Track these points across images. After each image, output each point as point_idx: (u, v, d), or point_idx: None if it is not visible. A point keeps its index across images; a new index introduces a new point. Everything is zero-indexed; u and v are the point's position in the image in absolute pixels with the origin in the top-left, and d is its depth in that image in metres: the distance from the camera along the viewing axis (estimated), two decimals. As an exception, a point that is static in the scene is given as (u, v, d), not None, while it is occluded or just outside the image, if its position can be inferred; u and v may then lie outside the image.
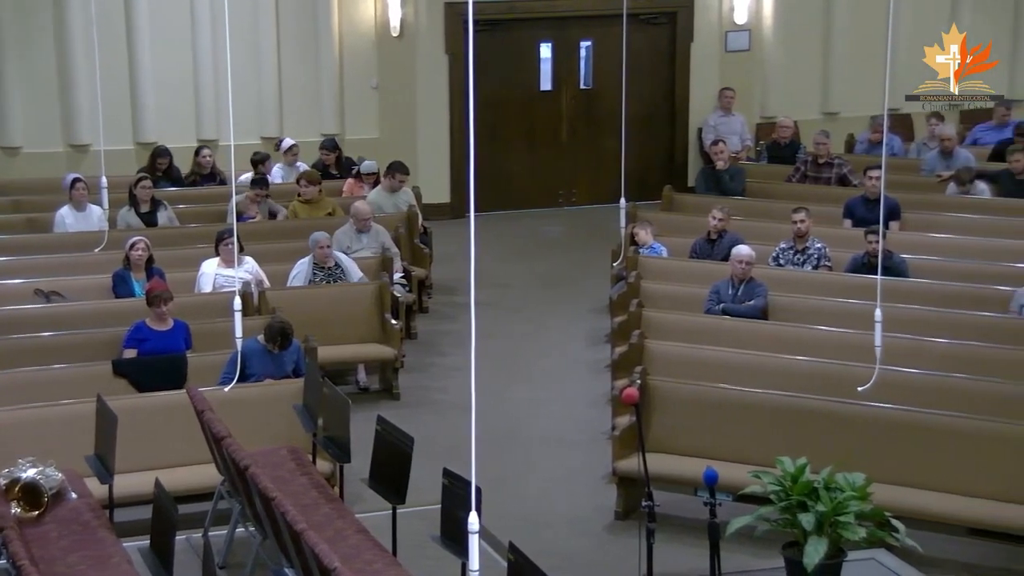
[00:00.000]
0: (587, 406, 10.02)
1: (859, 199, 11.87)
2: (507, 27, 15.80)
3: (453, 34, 15.40)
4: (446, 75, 15.58)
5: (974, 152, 13.59)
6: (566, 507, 8.38)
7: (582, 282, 13.13)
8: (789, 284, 10.25)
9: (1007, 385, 8.09)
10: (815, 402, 7.92)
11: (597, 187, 15.92)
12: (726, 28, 16.31)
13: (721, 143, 13.44)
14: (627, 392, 6.11)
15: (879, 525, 5.44)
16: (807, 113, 16.27)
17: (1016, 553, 7.36)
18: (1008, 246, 10.83)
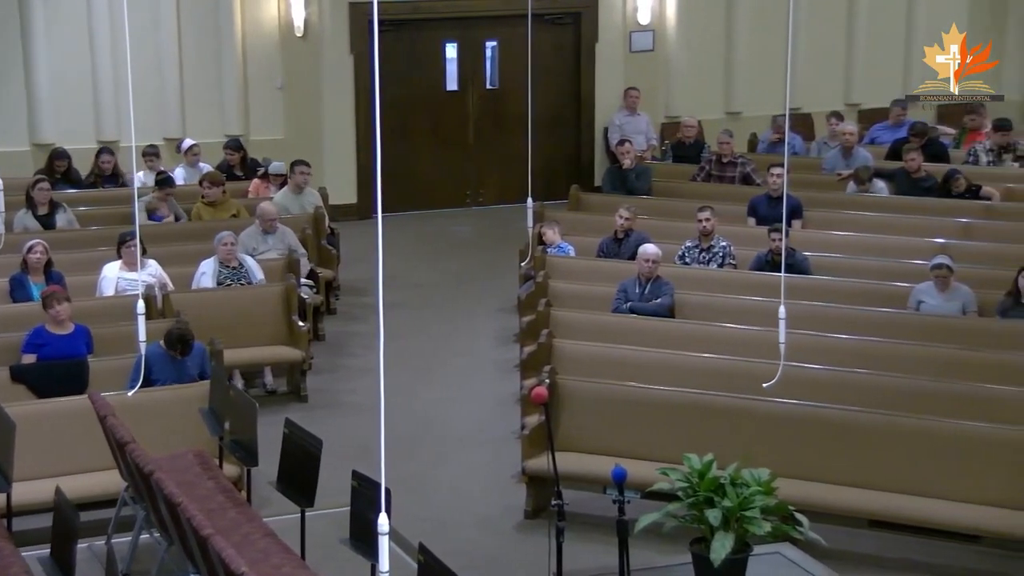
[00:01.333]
0: (496, 406, 10.02)
1: (762, 197, 12.04)
2: (412, 27, 15.75)
3: (358, 34, 15.31)
4: (351, 75, 15.48)
5: (871, 151, 13.85)
6: (476, 507, 8.38)
7: (490, 282, 13.13)
8: (695, 282, 10.35)
9: (907, 380, 8.25)
10: (721, 399, 8.01)
11: (504, 187, 15.95)
12: (630, 28, 16.44)
13: (627, 143, 13.53)
14: (536, 391, 6.12)
15: (784, 519, 5.52)
16: (711, 113, 16.46)
17: (915, 544, 7.52)
18: (905, 243, 11.05)
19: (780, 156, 12.72)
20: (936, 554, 7.48)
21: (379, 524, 3.85)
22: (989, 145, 13.59)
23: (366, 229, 14.66)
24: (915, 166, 12.53)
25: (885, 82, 17.32)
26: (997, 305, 9.51)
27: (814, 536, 5.59)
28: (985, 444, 7.39)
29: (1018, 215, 11.71)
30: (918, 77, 17.39)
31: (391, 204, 14.11)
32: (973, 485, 7.32)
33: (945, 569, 7.39)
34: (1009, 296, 9.42)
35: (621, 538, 5.64)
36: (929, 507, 7.31)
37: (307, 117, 15.55)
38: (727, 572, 5.36)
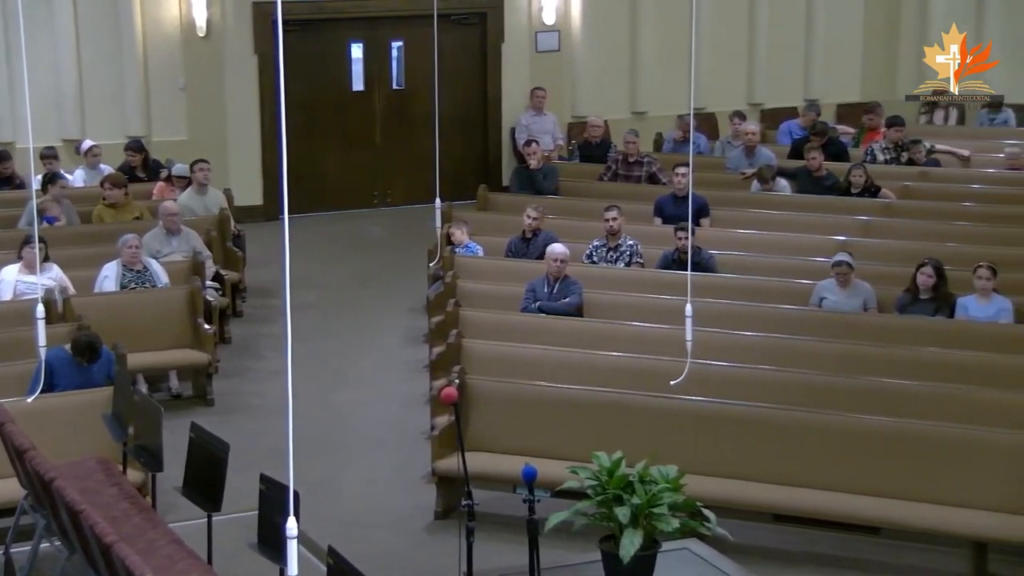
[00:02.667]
0: (406, 406, 9.99)
1: (668, 197, 12.15)
2: (317, 27, 15.64)
3: (262, 34, 15.16)
4: (256, 76, 15.33)
5: (773, 150, 14.06)
6: (386, 508, 8.34)
7: (399, 282, 13.09)
8: (603, 281, 10.41)
9: (810, 375, 8.39)
10: (629, 397, 8.07)
11: (412, 187, 15.90)
12: (536, 29, 16.49)
13: (534, 143, 13.57)
14: (445, 392, 6.11)
15: (691, 515, 5.57)
16: (617, 112, 16.57)
17: (819, 537, 7.65)
18: (807, 241, 11.22)
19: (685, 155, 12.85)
20: (839, 546, 7.62)
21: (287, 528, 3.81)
22: (885, 144, 13.87)
23: (272, 231, 14.53)
24: (816, 165, 12.74)
25: (786, 82, 17.62)
26: (896, 301, 9.70)
27: (721, 531, 5.65)
28: (885, 437, 7.54)
29: (916, 213, 11.96)
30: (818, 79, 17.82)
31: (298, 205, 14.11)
32: (875, 477, 7.46)
33: (848, 561, 7.53)
34: (907, 292, 9.62)
35: (531, 537, 5.66)
36: (832, 500, 7.44)
37: (211, 118, 15.35)
38: (636, 569, 5.40)
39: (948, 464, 7.35)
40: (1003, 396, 7.92)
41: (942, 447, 7.40)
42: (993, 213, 11.91)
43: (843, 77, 17.97)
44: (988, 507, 7.20)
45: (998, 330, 9.14)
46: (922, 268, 9.50)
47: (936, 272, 9.46)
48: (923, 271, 9.49)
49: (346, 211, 16.02)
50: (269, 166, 15.45)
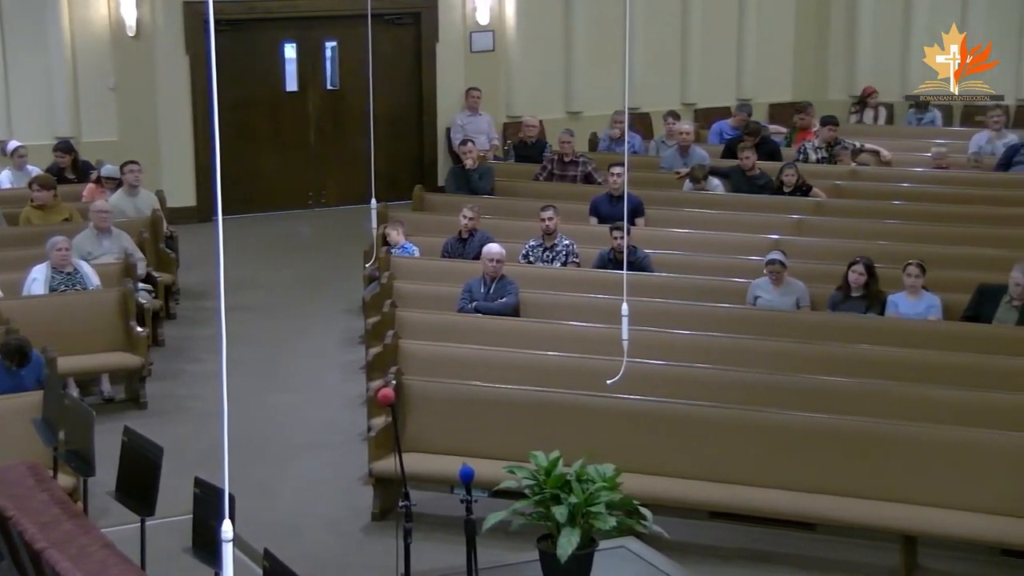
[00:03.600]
0: (342, 408, 9.94)
1: (604, 196, 12.19)
2: (249, 27, 15.52)
3: (193, 34, 15.02)
4: (187, 76, 15.18)
5: (707, 150, 14.17)
6: (323, 510, 8.30)
7: (335, 284, 13.02)
8: (539, 281, 10.43)
9: (745, 373, 8.46)
10: (566, 396, 8.09)
11: (347, 188, 15.84)
12: (470, 29, 16.49)
13: (469, 142, 13.57)
14: (382, 393, 6.08)
15: (628, 514, 5.58)
16: (551, 112, 16.62)
17: (754, 533, 7.72)
18: (741, 240, 11.32)
19: (620, 155, 12.92)
20: (774, 542, 7.69)
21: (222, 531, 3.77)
22: (818, 143, 14.02)
23: (206, 232, 14.40)
24: (750, 164, 12.85)
25: (719, 82, 17.77)
26: (828, 299, 9.81)
27: (658, 529, 5.68)
28: (818, 434, 7.62)
29: (847, 212, 12.11)
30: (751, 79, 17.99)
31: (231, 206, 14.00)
32: (808, 474, 7.54)
33: (783, 557, 7.60)
34: (839, 290, 9.73)
35: (469, 537, 5.65)
36: (767, 497, 7.51)
37: (142, 118, 15.18)
38: (573, 568, 5.41)
39: (879, 459, 7.45)
40: (932, 392, 8.04)
41: (874, 443, 7.50)
42: (921, 211, 12.09)
43: (775, 77, 18.17)
44: (919, 502, 7.30)
45: (927, 327, 9.28)
46: (853, 266, 9.62)
47: (867, 270, 9.58)
48: (854, 269, 9.60)
49: (280, 212, 15.92)
50: (202, 167, 15.31)
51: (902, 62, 17.91)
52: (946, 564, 7.41)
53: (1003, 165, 13.54)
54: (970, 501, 7.21)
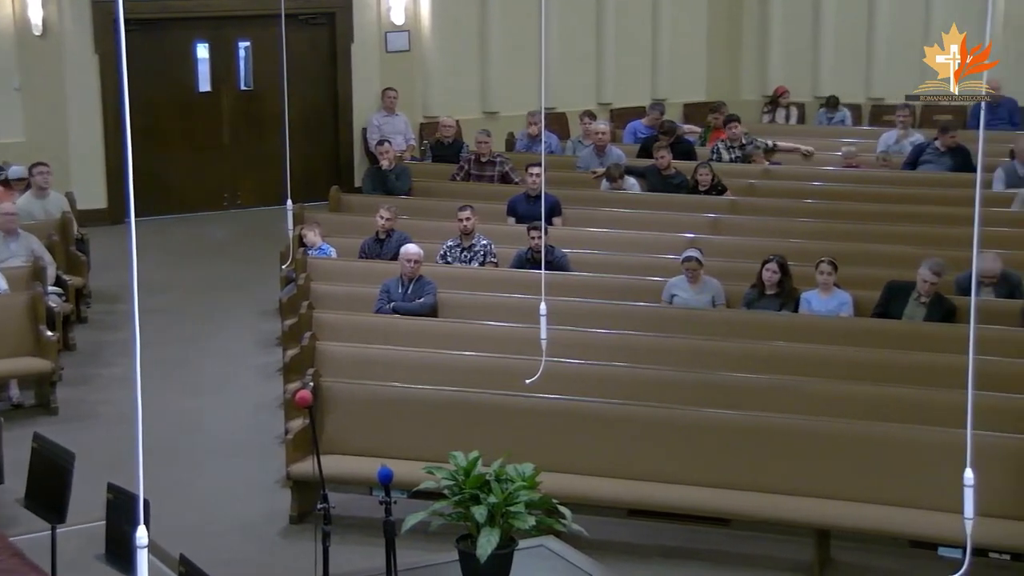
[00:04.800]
0: (259, 411, 9.85)
1: (521, 196, 12.22)
2: (160, 27, 15.33)
3: (102, 33, 14.79)
4: (97, 76, 14.95)
5: (623, 149, 14.26)
6: (239, 514, 8.21)
7: (251, 286, 12.90)
8: (457, 281, 10.42)
9: (662, 371, 8.52)
10: (485, 396, 8.09)
11: (263, 189, 15.69)
12: (385, 29, 16.44)
13: (386, 143, 13.52)
14: (300, 395, 6.03)
15: (547, 513, 5.60)
16: (468, 112, 16.62)
17: (671, 530, 7.79)
18: (657, 239, 11.40)
19: (537, 155, 12.96)
20: (691, 539, 7.76)
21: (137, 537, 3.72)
22: (730, 143, 14.19)
23: (118, 234, 14.17)
24: (665, 164, 12.96)
25: (634, 83, 17.90)
26: (743, 297, 9.92)
27: (577, 528, 5.70)
28: (734, 431, 7.70)
29: (761, 210, 12.26)
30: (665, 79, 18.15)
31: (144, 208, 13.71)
32: (724, 470, 7.61)
33: (700, 553, 7.67)
34: (754, 288, 9.85)
35: (388, 538, 5.63)
36: (684, 494, 7.57)
37: (50, 119, 14.90)
38: (493, 567, 5.41)
39: (793, 455, 7.55)
40: (844, 387, 8.16)
41: (787, 438, 7.60)
42: (832, 210, 12.28)
43: (689, 78, 18.36)
44: (831, 495, 7.41)
45: (839, 323, 9.43)
46: (767, 264, 9.74)
47: (780, 268, 9.71)
48: (768, 267, 9.73)
49: (194, 214, 15.74)
50: (113, 168, 15.08)
51: (813, 62, 18.20)
52: (857, 556, 7.54)
53: (910, 164, 13.81)
54: (880, 494, 7.34)
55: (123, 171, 14.78)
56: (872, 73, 17.91)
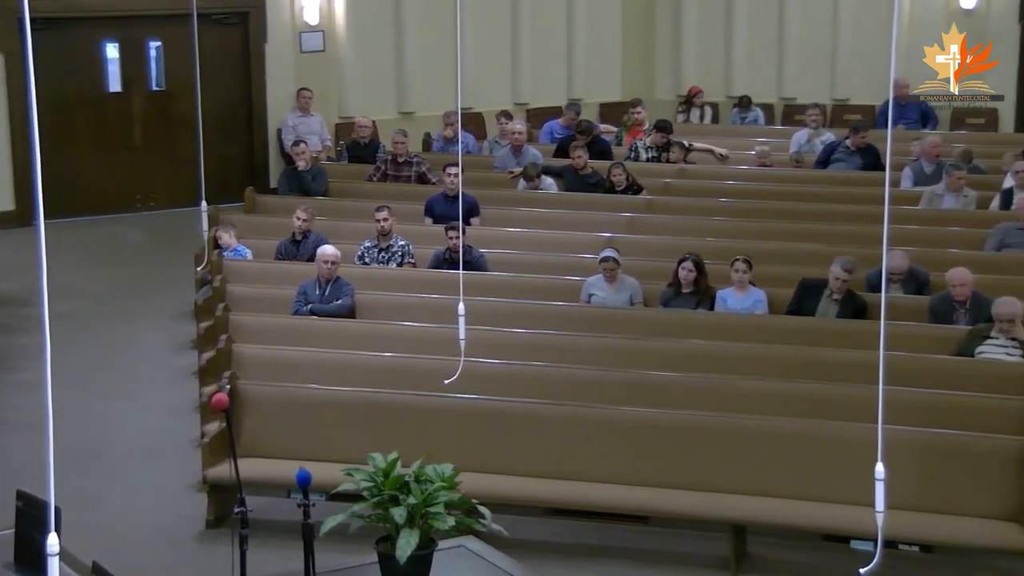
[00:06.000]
0: (174, 414, 9.72)
1: (439, 196, 12.20)
2: (68, 26, 15.06)
3: (7, 33, 14.49)
4: (2, 76, 14.66)
5: (540, 149, 14.30)
6: (154, 519, 8.10)
7: (165, 288, 12.73)
8: (375, 282, 10.38)
9: (581, 370, 8.55)
10: (404, 397, 8.07)
11: (176, 190, 15.48)
12: (299, 29, 16.32)
13: (302, 143, 13.43)
14: (216, 398, 5.96)
15: (467, 513, 5.59)
16: (384, 112, 16.56)
17: (590, 528, 7.83)
18: (575, 238, 11.46)
19: (454, 155, 12.95)
20: (609, 536, 7.81)
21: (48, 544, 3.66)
22: (648, 143, 14.29)
23: (26, 237, 13.90)
24: (582, 163, 13.02)
25: (550, 82, 17.97)
26: (660, 295, 10.00)
27: (496, 527, 5.70)
28: (652, 429, 7.75)
29: (676, 209, 12.37)
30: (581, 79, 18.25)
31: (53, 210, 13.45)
32: (643, 468, 7.66)
33: (619, 550, 7.72)
34: (670, 287, 9.93)
35: (306, 541, 5.59)
36: (603, 492, 7.61)
37: (-46, 120, 14.60)
38: (412, 568, 5.39)
39: (710, 452, 7.62)
40: (759, 384, 8.26)
41: (704, 436, 7.67)
42: (746, 208, 12.43)
43: (604, 78, 18.48)
44: (748, 491, 7.49)
45: (754, 321, 9.54)
46: (683, 263, 9.82)
47: (696, 266, 9.80)
48: (684, 266, 9.81)
49: (106, 216, 15.50)
50: (21, 169, 14.81)
51: (725, 62, 18.41)
52: (773, 551, 7.63)
53: (822, 162, 14.03)
54: (795, 489, 7.43)
55: (31, 172, 14.51)
56: (784, 73, 18.17)
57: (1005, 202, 12.05)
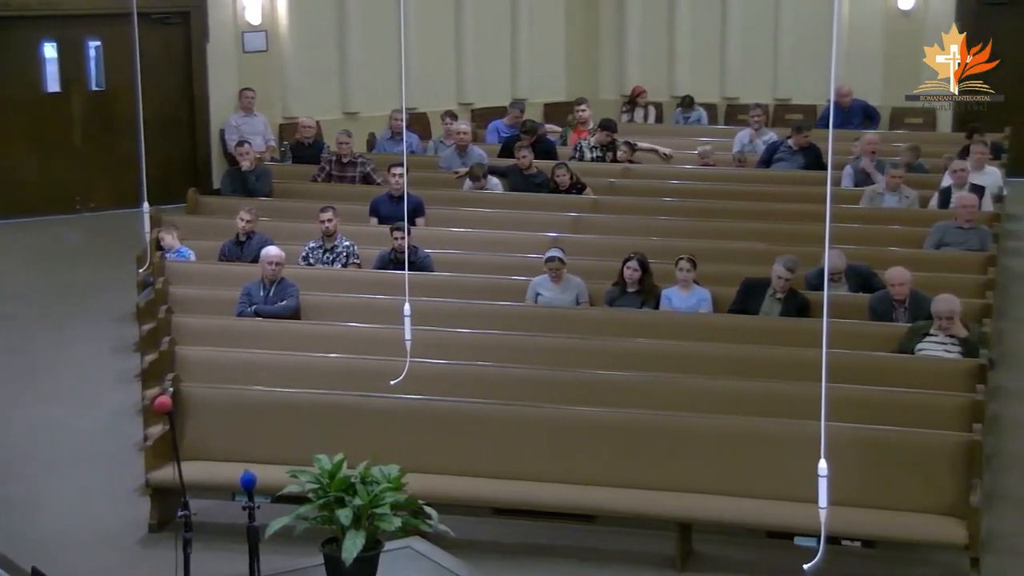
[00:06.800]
0: (116, 418, 9.61)
1: (384, 197, 12.16)
2: (4, 25, 14.87)
3: (-59, 32, 14.30)
4: (-64, 76, 14.45)
5: (485, 149, 14.30)
6: (96, 524, 8.01)
7: (106, 290, 12.57)
8: (320, 283, 10.34)
9: (527, 370, 8.55)
10: (350, 398, 8.04)
11: (118, 191, 15.31)
12: (242, 29, 16.20)
13: (245, 144, 13.33)
14: (159, 400, 5.91)
15: (413, 514, 5.58)
16: (328, 113, 16.48)
17: (536, 528, 7.83)
18: (520, 238, 11.46)
19: (399, 155, 12.92)
20: (557, 536, 7.82)
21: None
22: (593, 142, 14.33)
23: (-38, 239, 13.74)
24: (527, 163, 13.03)
25: (495, 82, 17.97)
26: (605, 295, 10.04)
27: (443, 528, 5.70)
28: (597, 428, 7.78)
29: (621, 209, 12.41)
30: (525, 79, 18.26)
31: (-9, 211, 13.36)
32: (589, 467, 7.69)
33: (565, 550, 7.73)
34: (616, 286, 9.97)
35: (251, 544, 5.56)
36: (549, 492, 7.62)
37: None
38: (358, 570, 5.37)
39: (656, 450, 7.66)
40: (704, 383, 8.31)
41: (650, 434, 7.70)
42: (690, 207, 12.50)
43: (548, 78, 18.51)
44: (693, 489, 7.54)
45: (699, 320, 9.59)
46: (628, 262, 9.86)
47: (641, 266, 9.84)
48: (629, 265, 9.85)
49: (45, 218, 15.29)
50: (-44, 171, 14.59)
51: (669, 62, 18.51)
52: (718, 549, 7.68)
53: (764, 162, 14.15)
54: (740, 487, 7.49)
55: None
56: (726, 73, 18.30)
57: (943, 201, 12.22)
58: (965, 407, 7.81)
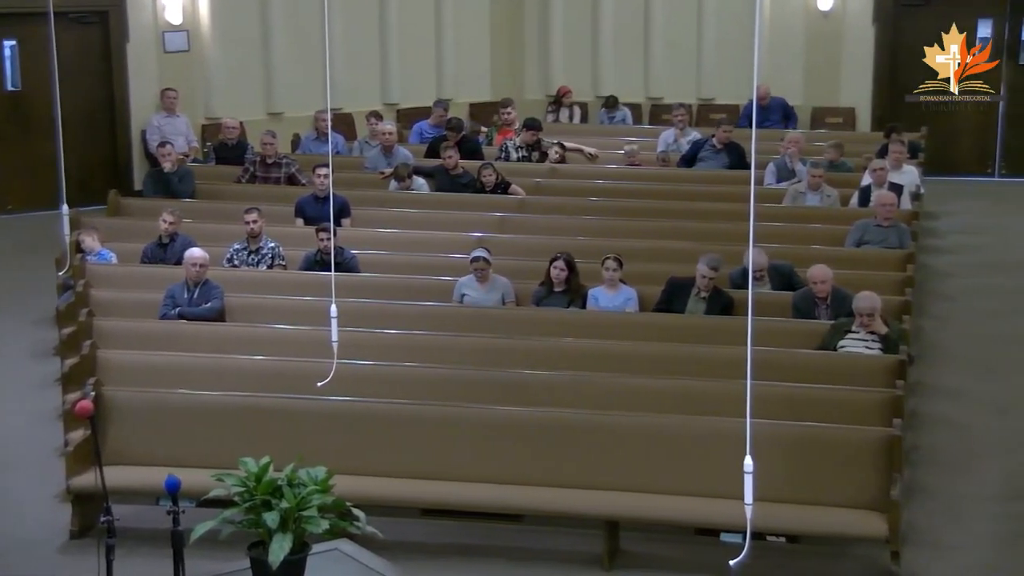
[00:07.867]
0: (35, 423, 9.45)
1: (309, 197, 12.09)
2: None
3: None
4: None
5: (411, 149, 14.27)
6: (15, 531, 7.87)
7: (24, 294, 12.36)
8: (245, 284, 10.25)
9: (454, 370, 8.54)
10: (276, 400, 7.99)
11: (35, 193, 15.04)
12: (162, 28, 16.00)
13: (168, 144, 13.18)
14: (80, 405, 5.83)
15: (341, 516, 5.57)
16: (252, 113, 16.34)
17: (464, 528, 7.83)
18: (446, 238, 11.46)
19: (323, 156, 12.85)
20: (485, 536, 7.82)
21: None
22: (519, 142, 14.36)
23: None
24: (452, 163, 13.03)
25: (420, 82, 17.93)
26: (532, 294, 10.06)
27: (371, 529, 5.68)
28: (524, 427, 7.80)
29: (547, 209, 12.45)
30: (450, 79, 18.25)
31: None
32: (516, 467, 7.70)
33: (494, 549, 7.74)
34: (543, 286, 9.99)
35: (176, 549, 5.50)
36: (476, 492, 7.62)
37: None
38: (286, 573, 5.34)
39: (583, 449, 7.69)
40: (631, 381, 8.36)
41: (577, 433, 7.73)
42: (616, 207, 12.57)
43: (474, 78, 18.50)
44: (620, 488, 7.58)
45: (625, 319, 9.65)
46: (554, 262, 9.90)
47: (567, 265, 9.88)
48: (555, 265, 9.88)
49: (-40, 220, 15.00)
50: None
51: (593, 62, 18.60)
52: (646, 546, 7.72)
53: (686, 160, 14.27)
54: (667, 484, 7.54)
55: None
56: (650, 73, 18.42)
57: (863, 199, 12.41)
58: (885, 403, 7.94)
